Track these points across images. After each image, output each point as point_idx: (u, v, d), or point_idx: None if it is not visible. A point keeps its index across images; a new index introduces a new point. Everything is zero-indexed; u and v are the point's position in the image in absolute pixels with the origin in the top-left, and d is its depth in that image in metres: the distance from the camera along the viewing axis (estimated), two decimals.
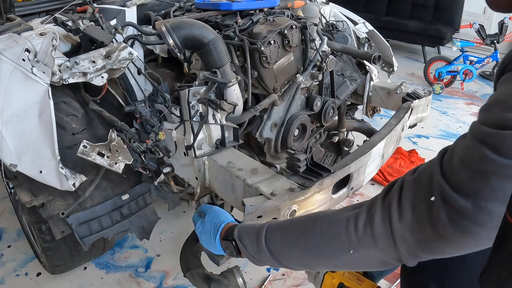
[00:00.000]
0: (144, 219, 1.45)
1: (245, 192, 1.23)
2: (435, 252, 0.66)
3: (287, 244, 0.81)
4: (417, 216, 0.64)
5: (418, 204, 0.65)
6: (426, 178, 0.65)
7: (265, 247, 0.82)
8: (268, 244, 0.82)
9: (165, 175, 1.45)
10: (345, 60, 2.06)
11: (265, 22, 1.53)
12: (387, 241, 0.67)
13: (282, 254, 0.82)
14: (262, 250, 0.83)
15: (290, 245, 0.81)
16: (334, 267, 0.81)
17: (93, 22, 1.37)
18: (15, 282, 1.70)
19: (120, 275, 1.75)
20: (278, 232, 0.83)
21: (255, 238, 0.85)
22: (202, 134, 1.35)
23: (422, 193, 0.64)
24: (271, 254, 0.82)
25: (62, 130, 1.30)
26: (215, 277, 1.35)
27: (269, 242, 0.82)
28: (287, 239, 0.81)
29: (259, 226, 0.87)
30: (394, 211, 0.67)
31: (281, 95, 1.57)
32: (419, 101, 1.82)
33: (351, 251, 0.72)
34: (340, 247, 0.73)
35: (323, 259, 0.77)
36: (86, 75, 1.25)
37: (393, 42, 5.06)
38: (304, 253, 0.79)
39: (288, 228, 0.83)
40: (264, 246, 0.82)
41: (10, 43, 1.19)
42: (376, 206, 0.70)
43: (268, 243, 0.82)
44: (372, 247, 0.70)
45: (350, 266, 0.78)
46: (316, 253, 0.77)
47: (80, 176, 1.28)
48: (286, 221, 0.87)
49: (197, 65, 1.49)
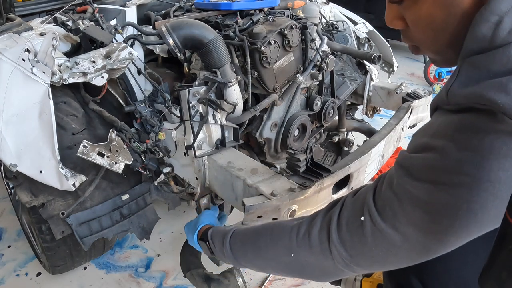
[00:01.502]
0: (144, 219, 1.45)
1: (245, 192, 1.23)
2: (365, 266, 0.73)
3: (244, 246, 0.92)
4: (350, 233, 0.71)
5: (352, 222, 0.71)
6: (361, 199, 0.72)
7: (228, 248, 0.94)
8: (231, 245, 0.93)
9: (165, 175, 1.45)
10: (345, 60, 2.06)
11: (265, 22, 1.53)
12: (321, 249, 0.75)
13: (240, 254, 0.92)
14: (225, 250, 0.94)
15: (246, 246, 0.92)
16: (280, 270, 0.87)
17: (93, 22, 1.37)
18: (15, 282, 1.70)
19: (120, 275, 1.75)
20: (240, 235, 0.94)
21: (221, 239, 0.96)
22: (202, 134, 1.35)
23: (356, 213, 0.71)
24: (232, 254, 0.93)
25: (62, 130, 1.30)
26: (215, 277, 1.35)
27: (232, 243, 0.94)
28: (245, 241, 0.92)
29: (228, 230, 0.98)
30: (333, 225, 0.74)
31: (281, 95, 1.57)
32: (419, 101, 1.82)
33: (292, 254, 0.80)
34: (283, 249, 0.82)
35: (269, 261, 0.86)
36: (86, 75, 1.25)
37: (393, 42, 5.05)
38: (255, 254, 0.89)
39: (248, 232, 0.94)
40: (227, 247, 0.94)
41: (10, 43, 1.19)
42: (318, 219, 0.78)
43: (231, 244, 0.94)
44: (309, 253, 0.78)
45: (292, 270, 0.84)
46: (264, 254, 0.87)
47: (80, 176, 1.28)
48: (249, 227, 0.98)
49: (197, 65, 1.49)
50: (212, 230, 1.04)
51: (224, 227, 1.08)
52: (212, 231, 1.03)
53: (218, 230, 1.03)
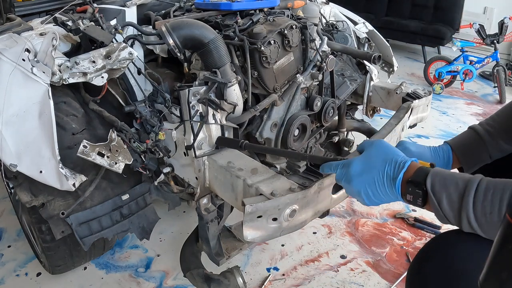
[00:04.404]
0: (144, 219, 1.45)
1: (245, 192, 1.23)
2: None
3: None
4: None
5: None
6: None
7: (471, 212, 0.68)
8: (476, 209, 0.67)
9: (165, 175, 1.45)
10: (345, 60, 2.06)
11: (265, 22, 1.53)
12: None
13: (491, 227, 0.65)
14: (464, 215, 0.69)
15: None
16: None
17: (93, 22, 1.37)
18: (15, 282, 1.70)
19: (120, 275, 1.75)
20: (496, 194, 0.66)
21: (458, 195, 0.70)
22: (202, 134, 1.35)
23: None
24: (477, 223, 0.67)
25: (62, 130, 1.30)
26: (215, 277, 1.35)
27: (478, 207, 0.67)
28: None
29: (467, 178, 0.71)
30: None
31: (281, 95, 1.57)
32: (419, 101, 1.82)
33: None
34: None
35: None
36: (86, 75, 1.25)
37: (393, 42, 5.06)
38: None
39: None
40: (470, 210, 0.68)
41: (10, 43, 1.19)
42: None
43: (476, 207, 0.67)
44: None
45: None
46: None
47: (80, 176, 1.28)
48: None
49: (197, 65, 1.49)
50: (433, 175, 0.75)
51: (447, 171, 0.77)
52: (433, 176, 0.75)
53: (444, 177, 0.74)
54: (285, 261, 1.84)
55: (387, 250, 1.92)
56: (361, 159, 0.88)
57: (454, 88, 4.12)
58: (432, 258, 0.84)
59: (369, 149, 0.89)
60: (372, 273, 1.79)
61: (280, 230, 1.12)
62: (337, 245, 1.95)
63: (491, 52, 3.94)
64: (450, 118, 3.48)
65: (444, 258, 0.81)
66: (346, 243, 1.96)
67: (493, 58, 3.91)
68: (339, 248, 1.93)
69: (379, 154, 0.85)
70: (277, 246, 1.92)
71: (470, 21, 4.19)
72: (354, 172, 0.87)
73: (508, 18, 3.86)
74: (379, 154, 0.85)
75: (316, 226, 2.05)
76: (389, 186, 0.82)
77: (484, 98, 4.00)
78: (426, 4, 5.00)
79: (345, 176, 0.90)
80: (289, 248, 1.91)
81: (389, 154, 0.84)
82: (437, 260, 0.82)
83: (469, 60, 4.04)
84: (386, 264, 1.84)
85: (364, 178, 0.85)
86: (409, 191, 0.78)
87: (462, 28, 4.41)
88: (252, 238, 1.09)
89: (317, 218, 1.25)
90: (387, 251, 1.92)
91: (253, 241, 1.13)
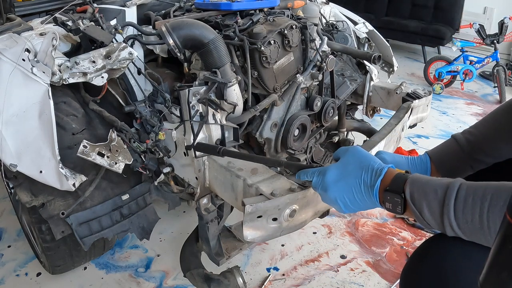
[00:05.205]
0: (144, 219, 1.45)
1: (245, 192, 1.23)
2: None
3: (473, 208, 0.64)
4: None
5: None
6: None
7: (453, 220, 0.66)
8: (457, 216, 0.65)
9: (165, 175, 1.45)
10: (345, 60, 2.06)
11: (265, 22, 1.53)
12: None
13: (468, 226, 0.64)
14: (446, 223, 0.68)
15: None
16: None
17: (93, 22, 1.37)
18: (15, 282, 1.70)
19: (120, 275, 1.75)
20: (471, 188, 0.65)
21: (438, 204, 0.69)
22: (202, 134, 1.35)
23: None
24: (460, 230, 0.66)
25: (62, 130, 1.30)
26: (215, 277, 1.35)
27: (459, 215, 0.66)
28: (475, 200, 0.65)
29: (445, 184, 0.70)
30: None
31: (281, 95, 1.57)
32: (419, 101, 1.82)
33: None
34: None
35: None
36: (86, 75, 1.25)
37: (393, 42, 5.06)
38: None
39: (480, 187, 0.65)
40: (452, 218, 0.67)
41: (10, 43, 1.19)
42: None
43: (457, 215, 0.66)
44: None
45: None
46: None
47: (80, 176, 1.28)
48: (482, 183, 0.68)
49: (197, 65, 1.49)
50: (411, 182, 0.74)
51: (425, 176, 0.76)
52: (411, 183, 0.73)
53: (421, 184, 0.73)
54: (285, 261, 1.84)
55: (387, 250, 1.93)
56: (337, 166, 0.86)
57: (454, 88, 4.13)
58: (426, 257, 0.84)
59: (344, 156, 0.87)
60: (372, 273, 1.79)
61: (280, 230, 1.12)
62: (337, 245, 1.95)
63: (491, 52, 3.94)
64: (450, 118, 3.48)
65: (438, 257, 0.81)
66: (346, 243, 1.96)
67: (493, 58, 3.91)
68: (339, 248, 1.93)
69: (355, 161, 0.84)
70: (277, 246, 1.92)
71: (470, 21, 4.20)
72: (330, 180, 0.86)
73: (508, 18, 3.86)
74: (355, 161, 0.84)
75: (316, 226, 2.05)
76: (366, 194, 0.80)
77: (484, 98, 4.01)
78: (426, 4, 5.00)
79: (321, 184, 0.88)
80: (289, 248, 1.91)
81: (365, 161, 0.82)
82: (431, 260, 0.82)
83: (469, 60, 4.04)
84: (386, 264, 1.84)
85: (341, 186, 0.83)
86: (388, 200, 0.77)
87: (462, 28, 4.41)
88: (252, 238, 1.09)
89: (317, 218, 1.25)
90: (387, 251, 1.92)
91: (253, 241, 1.13)
